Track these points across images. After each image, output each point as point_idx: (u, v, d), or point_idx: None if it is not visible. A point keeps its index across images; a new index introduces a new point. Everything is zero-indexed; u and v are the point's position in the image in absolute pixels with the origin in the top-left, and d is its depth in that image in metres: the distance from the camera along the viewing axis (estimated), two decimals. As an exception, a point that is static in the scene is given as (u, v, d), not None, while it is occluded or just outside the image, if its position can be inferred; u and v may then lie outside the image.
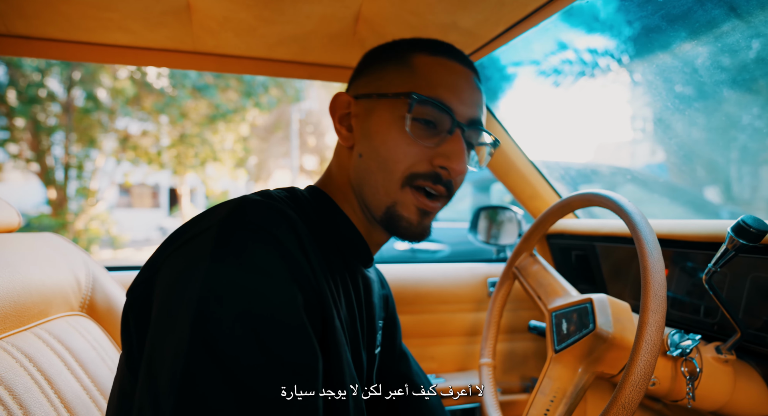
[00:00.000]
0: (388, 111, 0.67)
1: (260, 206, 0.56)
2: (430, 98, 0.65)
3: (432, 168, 0.66)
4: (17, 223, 0.93)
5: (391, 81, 0.68)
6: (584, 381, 0.84)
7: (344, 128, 0.71)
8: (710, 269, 0.80)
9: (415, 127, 0.65)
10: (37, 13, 0.91)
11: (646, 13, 1.16)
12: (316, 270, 0.56)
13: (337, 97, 0.72)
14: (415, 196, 0.67)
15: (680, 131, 1.50)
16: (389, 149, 0.66)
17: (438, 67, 0.68)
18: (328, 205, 0.71)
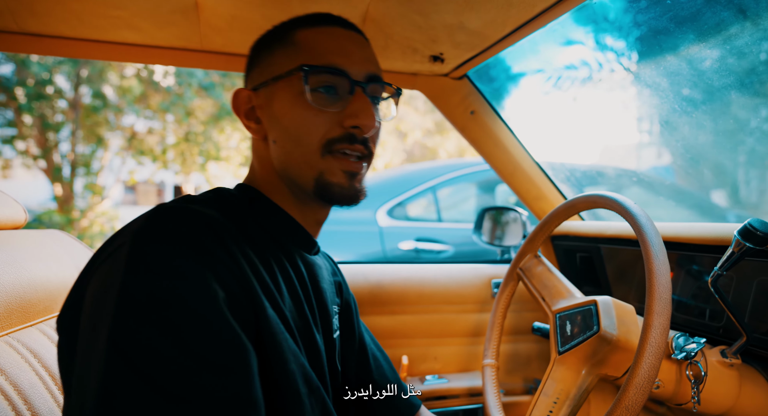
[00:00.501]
0: (286, 91, 0.68)
1: (173, 212, 0.56)
2: (321, 66, 0.66)
3: (344, 130, 0.68)
4: (24, 219, 0.94)
5: (281, 63, 0.69)
6: (588, 383, 0.84)
7: (252, 122, 0.73)
8: (716, 273, 0.80)
9: (316, 97, 0.67)
10: (48, 11, 0.91)
11: (654, 15, 1.16)
12: (241, 265, 0.56)
13: (236, 94, 0.73)
14: (338, 160, 0.68)
15: (687, 134, 1.49)
16: (299, 125, 0.67)
17: (321, 36, 0.69)
18: (257, 197, 0.72)
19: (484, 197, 3.68)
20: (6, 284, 0.73)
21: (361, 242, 2.93)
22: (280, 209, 0.72)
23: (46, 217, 7.07)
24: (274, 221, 0.71)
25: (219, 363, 0.49)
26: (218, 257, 0.54)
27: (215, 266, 0.53)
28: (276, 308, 0.60)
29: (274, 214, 0.72)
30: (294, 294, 0.67)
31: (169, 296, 0.49)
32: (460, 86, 1.32)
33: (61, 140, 7.43)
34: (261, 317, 0.56)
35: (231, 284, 0.54)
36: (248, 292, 0.56)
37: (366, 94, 0.69)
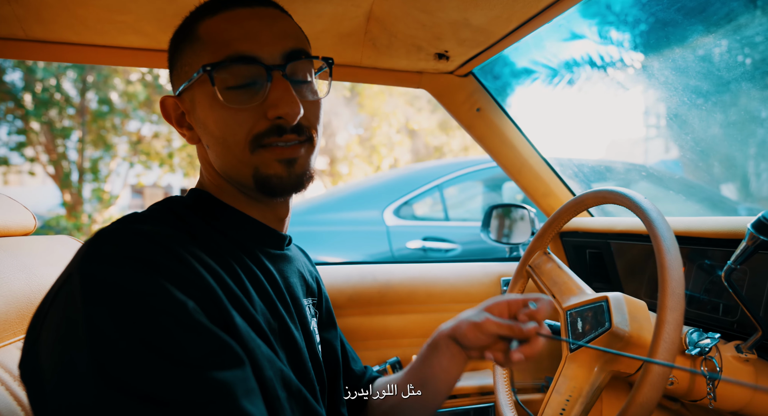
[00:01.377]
0: (201, 93, 0.64)
1: (114, 234, 0.54)
2: (223, 60, 0.61)
3: (270, 123, 0.63)
4: (33, 226, 0.94)
5: (191, 63, 0.64)
6: (600, 380, 0.83)
7: (184, 129, 0.69)
8: (730, 267, 0.79)
9: (230, 95, 0.62)
10: (54, 18, 0.92)
11: (662, 7, 1.15)
12: (200, 274, 0.54)
13: (163, 102, 0.69)
14: (270, 152, 0.64)
15: (696, 127, 1.48)
16: (221, 127, 0.63)
17: (222, 24, 0.63)
18: (209, 201, 0.69)
19: (491, 195, 3.67)
20: (17, 290, 0.73)
21: (368, 242, 2.93)
22: (235, 210, 0.69)
23: (54, 223, 7.13)
24: (231, 223, 0.68)
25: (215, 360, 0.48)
26: (173, 270, 0.52)
27: (173, 279, 0.51)
28: (245, 314, 0.58)
29: (230, 216, 0.69)
30: (264, 295, 0.64)
31: (142, 319, 0.47)
32: (466, 84, 1.32)
33: (68, 146, 7.49)
34: (230, 326, 0.54)
35: (195, 295, 0.52)
36: (214, 302, 0.54)
37: (286, 76, 0.63)
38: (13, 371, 0.67)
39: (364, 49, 1.12)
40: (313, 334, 0.75)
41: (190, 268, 0.53)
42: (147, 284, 0.49)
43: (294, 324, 0.69)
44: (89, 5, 0.89)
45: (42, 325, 0.51)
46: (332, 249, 2.88)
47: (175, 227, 0.60)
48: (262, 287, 0.65)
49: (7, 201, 0.90)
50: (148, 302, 0.48)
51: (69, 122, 7.37)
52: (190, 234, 0.60)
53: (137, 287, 0.49)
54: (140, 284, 0.49)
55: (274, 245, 0.73)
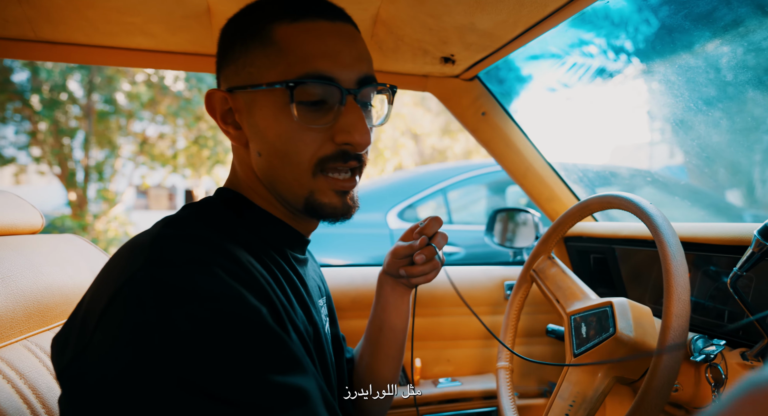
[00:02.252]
0: (270, 103, 0.60)
1: (180, 240, 0.52)
2: (308, 77, 0.58)
3: (337, 147, 0.61)
4: (40, 225, 0.95)
5: (260, 67, 0.60)
6: (604, 385, 0.83)
7: (231, 127, 0.65)
8: (735, 273, 0.79)
9: (304, 111, 0.59)
10: (64, 19, 0.93)
11: (668, 13, 1.15)
12: (259, 279, 0.53)
13: (210, 96, 0.65)
14: (329, 181, 0.63)
15: (702, 133, 1.47)
16: (285, 142, 0.60)
17: (304, 36, 0.59)
18: (244, 205, 0.67)
19: (495, 199, 3.67)
20: (24, 289, 0.74)
21: (371, 244, 2.93)
22: (269, 214, 0.68)
23: (59, 222, 7.17)
24: (267, 227, 0.67)
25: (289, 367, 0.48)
26: (240, 275, 0.51)
27: (244, 283, 0.50)
28: (294, 324, 0.58)
29: (265, 220, 0.67)
30: (301, 301, 0.65)
31: (217, 319, 0.46)
32: (471, 87, 1.32)
33: (74, 146, 7.53)
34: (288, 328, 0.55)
35: (263, 301, 0.52)
36: (275, 310, 0.54)
37: (357, 101, 0.62)
38: (20, 369, 0.67)
39: (371, 52, 1.13)
40: (327, 336, 0.77)
41: (251, 274, 0.53)
42: (221, 287, 0.48)
43: (322, 329, 0.70)
44: (98, 7, 0.89)
45: (97, 328, 0.47)
46: (335, 251, 2.88)
47: (221, 231, 0.59)
48: (299, 293, 0.65)
49: (15, 200, 0.91)
50: (225, 306, 0.47)
51: (75, 123, 7.42)
52: (235, 239, 0.58)
53: (212, 291, 0.47)
54: (215, 287, 0.48)
55: (300, 249, 0.73)
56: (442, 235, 0.82)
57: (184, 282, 0.47)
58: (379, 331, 0.90)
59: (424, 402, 1.36)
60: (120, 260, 0.52)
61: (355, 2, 0.90)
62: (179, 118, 7.92)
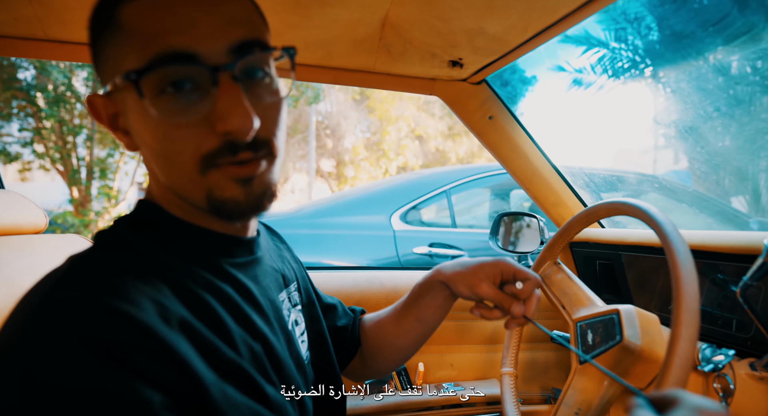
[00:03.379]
0: (132, 100, 0.51)
1: (66, 310, 0.42)
2: (152, 62, 0.47)
3: (220, 139, 0.50)
4: (44, 224, 0.95)
5: (115, 59, 0.50)
6: (610, 394, 0.82)
7: (120, 133, 0.56)
8: (745, 283, 0.78)
9: (167, 103, 0.49)
10: (74, 18, 0.93)
11: (678, 20, 1.14)
12: (165, 339, 0.44)
13: (90, 100, 0.56)
14: (224, 171, 0.52)
15: (709, 139, 1.47)
16: (160, 143, 0.51)
17: (149, 10, 0.48)
18: (163, 217, 0.59)
19: (498, 202, 3.66)
20: (26, 288, 0.73)
21: (375, 247, 2.93)
22: (191, 225, 0.59)
23: (62, 219, 7.19)
24: (190, 242, 0.58)
25: None
26: (140, 348, 0.42)
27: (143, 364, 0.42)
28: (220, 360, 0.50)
29: (187, 233, 0.58)
30: (240, 316, 0.57)
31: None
32: (479, 91, 1.31)
33: (78, 144, 7.56)
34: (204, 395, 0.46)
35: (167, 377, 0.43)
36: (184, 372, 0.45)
37: (236, 78, 0.50)
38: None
39: (378, 55, 1.13)
40: (293, 335, 0.70)
41: (153, 337, 0.44)
42: (103, 379, 0.40)
43: (275, 335, 0.63)
44: (108, 6, 0.89)
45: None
46: (339, 253, 2.88)
47: (133, 268, 0.50)
48: (236, 308, 0.57)
49: (19, 199, 0.91)
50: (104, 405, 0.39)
51: (79, 120, 7.44)
52: (149, 273, 0.50)
53: (93, 386, 0.39)
54: (95, 379, 0.40)
55: (243, 253, 0.63)
56: (536, 299, 0.78)
57: (59, 379, 0.39)
58: (416, 323, 0.90)
59: (426, 407, 1.35)
60: (4, 329, 0.44)
61: (364, 5, 0.90)
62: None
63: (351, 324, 0.96)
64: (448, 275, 0.83)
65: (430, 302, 0.89)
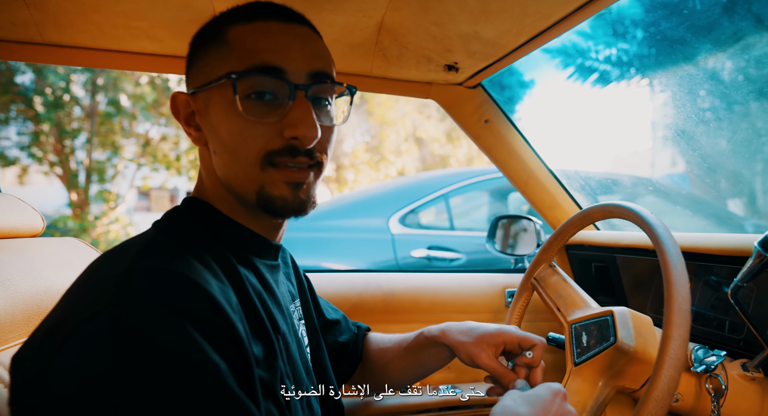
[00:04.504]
0: (220, 98, 0.62)
1: (149, 277, 0.50)
2: (251, 68, 0.60)
3: (285, 141, 0.61)
4: (41, 227, 0.95)
5: (214, 66, 0.62)
6: (605, 395, 0.83)
7: (192, 128, 0.67)
8: (736, 284, 0.79)
9: (250, 105, 0.60)
10: (71, 22, 0.93)
11: (671, 25, 1.16)
12: (229, 317, 0.52)
13: (174, 98, 0.67)
14: (280, 172, 0.62)
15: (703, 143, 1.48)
16: (233, 136, 0.61)
17: (254, 33, 0.62)
18: (211, 214, 0.67)
19: (497, 205, 3.67)
20: (24, 292, 0.74)
21: (373, 250, 2.93)
22: (236, 223, 0.67)
23: (60, 223, 7.18)
24: (234, 238, 0.67)
25: None
26: (207, 320, 0.49)
27: (207, 333, 0.49)
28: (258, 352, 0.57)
29: (232, 230, 0.67)
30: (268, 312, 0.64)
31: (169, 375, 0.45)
32: (474, 95, 1.32)
33: (77, 147, 7.55)
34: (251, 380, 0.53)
35: (225, 349, 0.50)
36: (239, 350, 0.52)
37: (308, 97, 0.62)
38: (20, 371, 0.67)
39: (375, 59, 1.13)
40: (302, 339, 0.77)
41: (223, 315, 0.51)
42: (181, 340, 0.47)
43: (291, 336, 0.70)
44: (105, 11, 0.90)
45: (55, 356, 0.46)
46: (337, 256, 2.88)
47: (197, 257, 0.57)
48: (264, 303, 0.64)
49: (16, 203, 0.91)
50: (183, 365, 0.46)
51: (78, 124, 7.44)
52: (209, 266, 0.57)
53: (171, 344, 0.46)
54: (174, 339, 0.46)
55: (269, 256, 0.72)
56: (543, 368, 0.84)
57: (144, 334, 0.46)
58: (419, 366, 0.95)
59: (423, 409, 1.35)
60: (89, 290, 0.51)
61: (360, 10, 0.91)
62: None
63: (353, 340, 1.00)
64: (453, 342, 0.87)
65: (434, 355, 0.93)
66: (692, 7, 1.07)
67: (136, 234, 0.62)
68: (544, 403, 0.64)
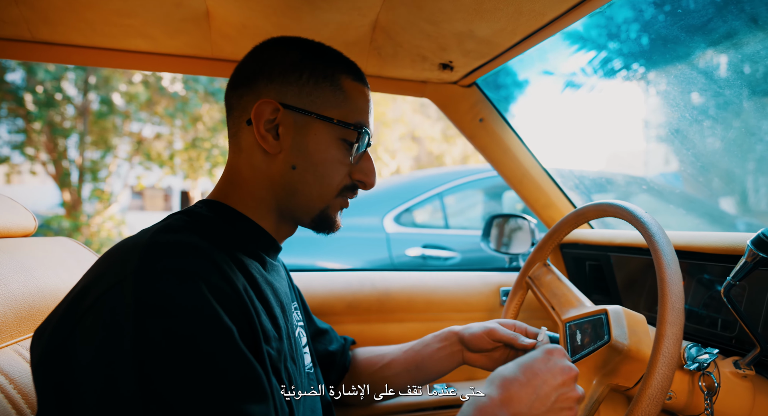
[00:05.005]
0: (328, 133, 0.73)
1: (172, 248, 0.56)
2: (358, 126, 0.74)
3: (352, 181, 0.77)
4: (33, 227, 0.94)
5: (326, 103, 0.73)
6: (599, 393, 0.83)
7: (270, 135, 0.72)
8: (729, 283, 0.79)
9: (347, 148, 0.74)
10: (62, 20, 0.93)
11: (665, 24, 1.16)
12: (240, 291, 0.58)
13: (264, 104, 0.71)
14: (343, 201, 0.78)
15: (697, 141, 1.48)
16: (328, 166, 0.73)
17: (360, 95, 0.76)
18: (228, 212, 0.73)
19: (491, 204, 3.67)
20: (16, 292, 0.73)
21: (368, 249, 2.93)
22: (257, 226, 0.75)
23: (54, 222, 7.12)
24: (248, 234, 0.73)
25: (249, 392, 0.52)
26: (221, 289, 0.55)
27: (222, 300, 0.54)
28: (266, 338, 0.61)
29: (251, 231, 0.74)
30: (277, 304, 0.71)
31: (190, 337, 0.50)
32: (469, 94, 1.32)
33: (69, 146, 7.50)
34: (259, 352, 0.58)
35: (238, 318, 0.55)
36: (249, 324, 0.57)
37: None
38: (10, 373, 0.67)
39: (369, 57, 1.13)
40: (299, 339, 0.81)
41: (233, 287, 0.57)
42: (200, 304, 0.52)
43: (292, 334, 0.75)
44: (96, 8, 0.89)
45: (78, 324, 0.51)
46: (331, 255, 2.88)
47: (210, 239, 0.62)
48: (275, 297, 0.71)
49: (8, 202, 0.90)
50: (200, 324, 0.51)
51: (70, 123, 7.39)
52: (222, 248, 0.63)
53: (190, 306, 0.51)
54: (194, 303, 0.51)
55: (273, 256, 0.80)
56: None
57: (165, 295, 0.51)
58: (413, 370, 0.99)
59: (418, 408, 1.35)
60: (111, 263, 0.56)
61: (355, 8, 0.91)
62: (176, 119, 7.90)
63: (341, 350, 1.05)
64: (465, 326, 0.97)
65: (435, 355, 0.98)
66: (686, 6, 1.07)
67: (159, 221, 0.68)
68: (534, 361, 0.67)
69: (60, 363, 0.50)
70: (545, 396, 0.64)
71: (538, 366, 0.66)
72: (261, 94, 0.72)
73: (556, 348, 0.70)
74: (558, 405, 0.64)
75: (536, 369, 0.66)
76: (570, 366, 0.67)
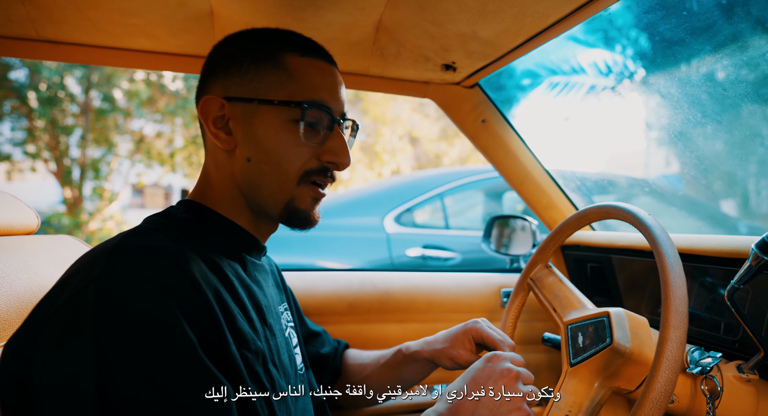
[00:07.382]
0: (274, 116, 0.69)
1: (136, 254, 0.55)
2: (312, 103, 0.69)
3: (321, 164, 0.72)
4: (36, 225, 0.94)
5: (270, 85, 0.69)
6: (601, 396, 0.83)
7: (221, 132, 0.71)
8: (733, 286, 0.79)
9: (305, 130, 0.69)
10: (66, 19, 0.93)
11: (669, 26, 1.16)
12: (206, 294, 0.56)
13: (209, 101, 0.70)
14: (309, 188, 0.72)
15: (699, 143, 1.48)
16: (281, 152, 0.69)
17: (312, 70, 0.71)
18: (205, 213, 0.72)
19: (492, 205, 3.67)
20: (18, 290, 0.73)
21: (368, 249, 2.93)
22: (239, 228, 0.73)
23: (55, 220, 7.12)
24: (225, 234, 0.72)
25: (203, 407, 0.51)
26: (185, 296, 0.54)
27: (184, 307, 0.53)
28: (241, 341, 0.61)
29: (229, 231, 0.73)
30: (256, 306, 0.69)
31: (147, 344, 0.50)
32: (472, 95, 1.32)
33: (71, 144, 7.50)
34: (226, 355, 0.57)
35: (201, 324, 0.54)
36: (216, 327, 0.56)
37: (342, 131, 0.74)
38: (13, 371, 0.66)
39: (372, 58, 1.13)
40: (290, 339, 0.81)
41: (199, 291, 0.56)
42: (160, 311, 0.51)
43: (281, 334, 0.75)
44: (101, 7, 0.89)
45: (44, 327, 0.52)
46: (332, 255, 2.88)
47: (182, 240, 0.62)
48: (252, 295, 0.69)
49: (11, 200, 0.90)
50: (158, 332, 0.51)
51: (72, 120, 7.39)
52: (194, 248, 0.62)
53: (151, 314, 0.51)
54: (154, 311, 0.51)
55: (257, 255, 0.78)
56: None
57: (125, 302, 0.51)
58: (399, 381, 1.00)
59: (418, 408, 1.35)
60: (80, 268, 0.56)
61: (358, 8, 0.90)
62: (177, 117, 7.90)
63: (333, 353, 1.05)
64: (432, 352, 0.93)
65: (414, 370, 0.98)
66: (690, 8, 1.07)
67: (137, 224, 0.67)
68: (475, 372, 0.69)
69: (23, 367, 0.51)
70: (488, 402, 0.65)
71: (478, 375, 0.68)
72: (208, 93, 0.71)
73: (494, 354, 0.71)
74: (504, 408, 0.65)
75: (477, 378, 0.67)
76: (508, 368, 0.68)
